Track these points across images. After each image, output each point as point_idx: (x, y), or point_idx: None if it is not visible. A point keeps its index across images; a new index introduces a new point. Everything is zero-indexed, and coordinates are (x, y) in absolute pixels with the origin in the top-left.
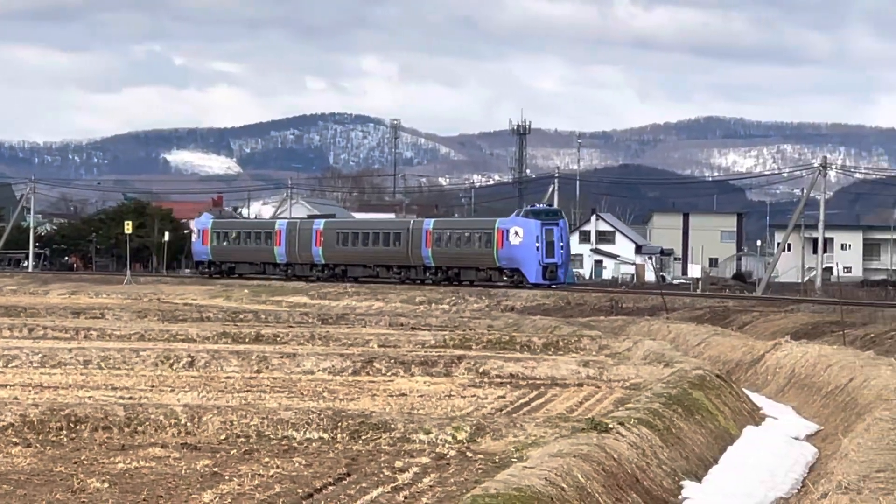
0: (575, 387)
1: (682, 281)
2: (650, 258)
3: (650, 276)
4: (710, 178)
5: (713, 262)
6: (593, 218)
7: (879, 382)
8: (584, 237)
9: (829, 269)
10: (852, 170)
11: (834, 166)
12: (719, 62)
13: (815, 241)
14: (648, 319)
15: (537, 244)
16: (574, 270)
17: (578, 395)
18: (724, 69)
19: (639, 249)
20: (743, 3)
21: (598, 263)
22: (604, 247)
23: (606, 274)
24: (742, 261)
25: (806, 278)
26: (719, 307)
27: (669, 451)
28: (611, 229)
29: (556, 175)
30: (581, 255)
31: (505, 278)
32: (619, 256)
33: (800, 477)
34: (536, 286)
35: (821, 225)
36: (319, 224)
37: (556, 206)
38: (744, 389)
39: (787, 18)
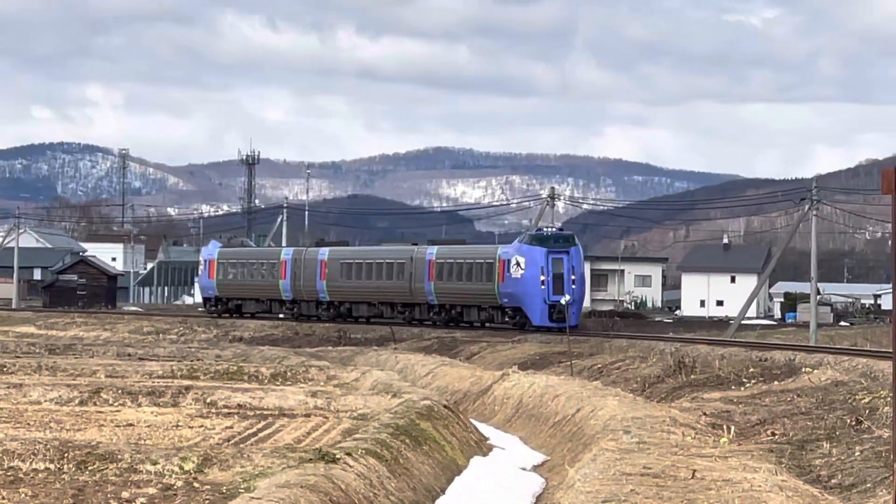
0: (303, 417)
1: None
2: None
3: None
4: (439, 209)
5: None
6: None
7: (606, 413)
8: None
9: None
10: (580, 201)
11: (562, 197)
12: (445, 93)
13: None
14: (377, 350)
15: (542, 277)
16: None
17: (306, 426)
18: (450, 100)
19: None
20: (465, 34)
21: None
22: None
23: None
24: None
25: None
26: (447, 337)
27: (397, 482)
28: None
29: (285, 205)
30: None
31: (507, 319)
32: None
33: None
34: (544, 329)
35: None
36: (324, 253)
37: (285, 236)
38: (472, 420)
39: (510, 50)
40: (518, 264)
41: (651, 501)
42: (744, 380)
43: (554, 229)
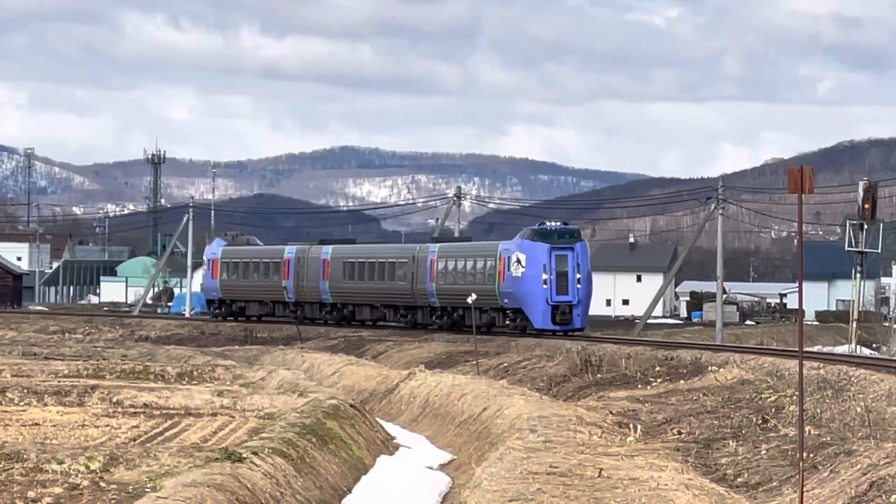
0: (209, 416)
1: None
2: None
3: None
4: (346, 208)
5: None
6: None
7: (512, 412)
8: None
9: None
10: (486, 200)
11: (468, 196)
12: (350, 92)
13: None
14: (283, 349)
15: (545, 276)
16: None
17: (213, 425)
18: (355, 99)
19: None
20: (369, 34)
21: None
22: None
23: None
24: None
25: None
26: (354, 337)
27: (304, 481)
28: None
29: (191, 205)
30: None
31: (508, 322)
32: None
33: None
34: (545, 333)
35: None
36: (327, 252)
37: (191, 236)
38: (378, 419)
39: (414, 49)
40: (518, 262)
41: (558, 500)
42: (650, 379)
43: (558, 224)
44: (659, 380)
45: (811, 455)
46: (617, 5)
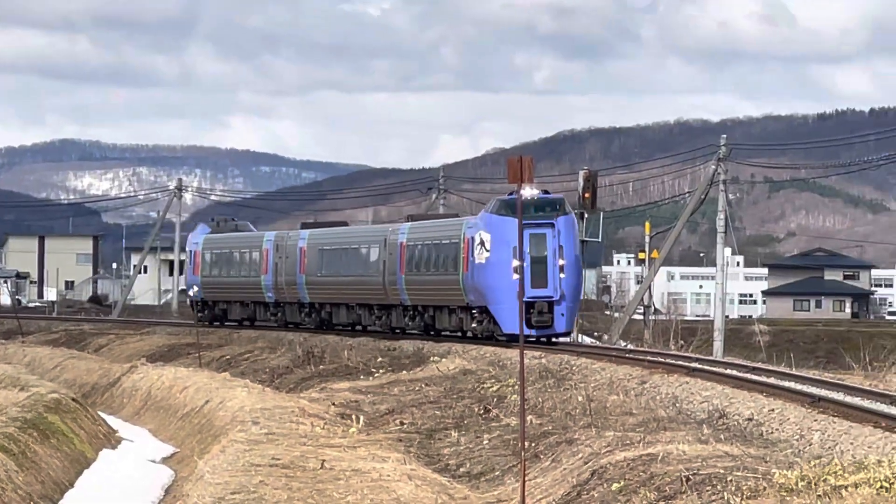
0: None
1: (38, 304)
2: (5, 282)
3: (5, 299)
4: (66, 201)
5: (70, 285)
6: None
7: (235, 404)
8: None
9: (184, 291)
10: (208, 192)
11: (189, 188)
12: (68, 84)
13: (172, 262)
14: (4, 343)
15: (516, 262)
16: None
17: None
18: (74, 91)
19: None
20: (85, 25)
21: None
22: None
23: None
24: (98, 283)
25: (163, 300)
26: (75, 330)
27: (25, 475)
28: None
29: None
30: None
31: (475, 325)
32: None
33: (156, 500)
34: (534, 341)
35: (176, 247)
36: (305, 237)
37: None
38: (100, 412)
39: (130, 40)
40: (483, 244)
41: (280, 492)
42: (373, 370)
43: (538, 192)
44: (381, 371)
45: (533, 444)
46: None
